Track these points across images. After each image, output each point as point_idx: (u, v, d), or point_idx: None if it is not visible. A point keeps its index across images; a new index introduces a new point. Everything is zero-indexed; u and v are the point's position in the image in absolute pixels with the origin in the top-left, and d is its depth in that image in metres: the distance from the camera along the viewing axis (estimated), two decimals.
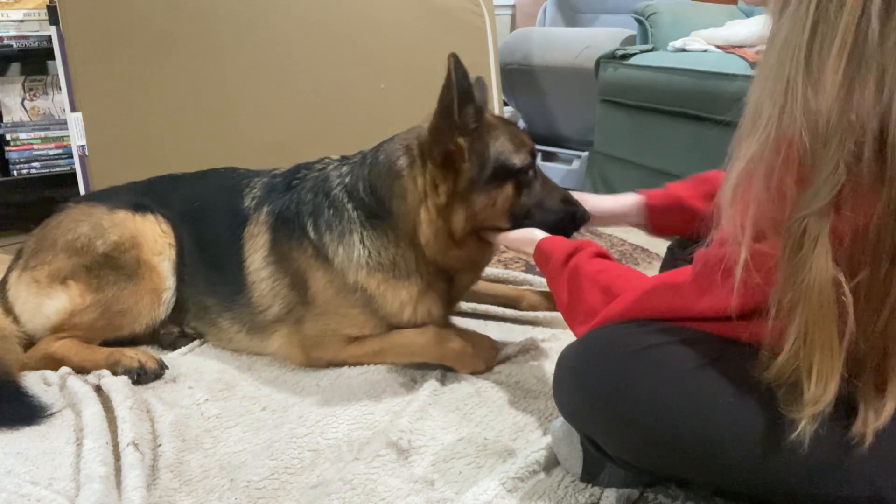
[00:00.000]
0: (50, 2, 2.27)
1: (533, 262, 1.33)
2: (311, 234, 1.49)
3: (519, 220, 1.39)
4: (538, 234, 1.32)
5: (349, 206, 1.46)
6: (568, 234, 1.40)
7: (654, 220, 1.44)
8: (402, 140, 1.44)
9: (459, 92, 1.28)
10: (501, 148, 1.36)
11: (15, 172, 2.60)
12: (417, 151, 1.39)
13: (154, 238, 1.62)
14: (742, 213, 0.79)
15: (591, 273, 1.12)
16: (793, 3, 0.75)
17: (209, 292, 1.64)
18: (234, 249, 1.58)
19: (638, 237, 2.54)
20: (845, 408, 0.82)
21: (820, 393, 0.77)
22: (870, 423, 0.79)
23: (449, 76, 1.26)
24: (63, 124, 2.51)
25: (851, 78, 0.71)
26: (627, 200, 1.46)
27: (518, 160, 1.37)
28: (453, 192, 1.36)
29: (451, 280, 1.51)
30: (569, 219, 1.42)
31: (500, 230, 1.41)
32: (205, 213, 1.67)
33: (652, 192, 1.45)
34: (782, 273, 0.77)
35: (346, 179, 1.50)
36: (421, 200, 1.38)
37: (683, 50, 2.62)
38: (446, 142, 1.33)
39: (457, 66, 1.26)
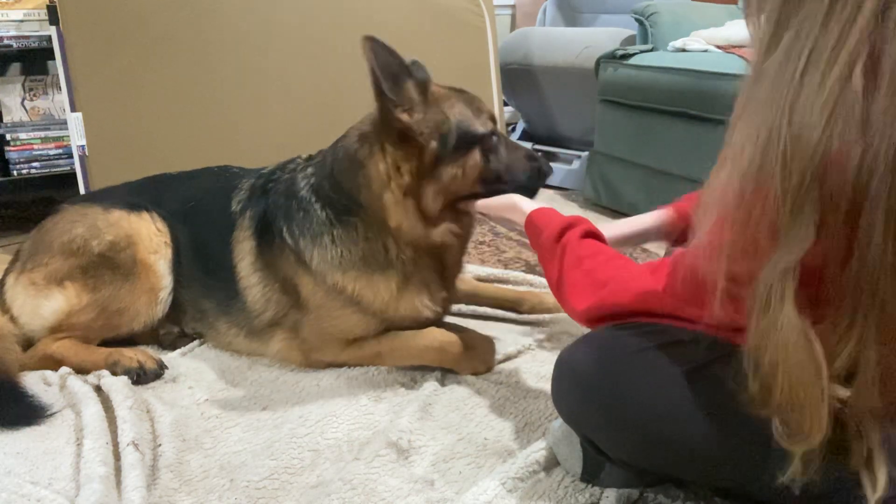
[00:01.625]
0: (50, 2, 2.27)
1: (516, 229, 1.34)
2: (289, 240, 1.48)
3: (491, 184, 1.39)
4: (520, 202, 1.32)
5: (317, 206, 1.46)
6: (537, 189, 1.44)
7: (677, 228, 1.39)
8: (357, 130, 1.45)
9: (382, 70, 1.27)
10: (461, 116, 1.36)
11: (15, 172, 2.59)
12: (374, 137, 1.39)
13: (149, 237, 1.62)
14: (717, 249, 0.79)
15: (580, 255, 1.12)
16: (780, 53, 0.74)
17: (205, 295, 1.64)
18: (224, 254, 1.58)
19: None
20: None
21: (806, 441, 0.77)
22: (870, 498, 0.79)
23: (368, 62, 1.26)
24: (63, 124, 2.50)
25: (833, 133, 0.69)
26: (646, 219, 1.41)
27: (480, 126, 1.37)
28: (419, 170, 1.35)
29: (440, 262, 1.49)
30: (536, 175, 1.43)
31: (476, 197, 1.39)
32: (198, 214, 1.67)
33: (670, 205, 1.41)
34: (754, 333, 0.77)
35: (312, 180, 1.49)
36: (385, 185, 1.37)
37: (683, 50, 2.62)
38: (392, 121, 1.33)
39: (372, 47, 1.25)
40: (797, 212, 0.71)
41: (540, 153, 1.50)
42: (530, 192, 1.41)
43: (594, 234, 1.18)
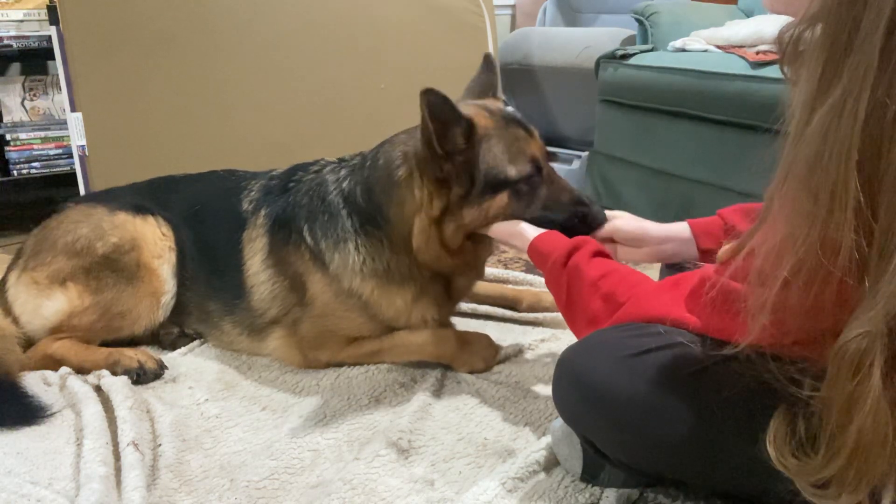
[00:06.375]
0: (50, 2, 2.27)
1: (521, 253, 1.30)
2: (308, 238, 1.49)
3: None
4: (525, 228, 1.29)
5: (344, 212, 1.46)
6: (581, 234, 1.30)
7: (701, 239, 1.27)
8: (402, 146, 1.40)
9: (436, 128, 1.24)
10: (494, 161, 1.30)
11: (15, 172, 2.60)
12: (415, 164, 1.35)
13: (154, 241, 1.62)
14: (766, 296, 0.73)
15: (593, 278, 1.10)
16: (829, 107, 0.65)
17: (211, 296, 1.64)
18: (233, 253, 1.58)
19: None
20: None
21: (839, 499, 0.73)
22: None
23: (422, 117, 1.22)
24: (63, 124, 2.51)
25: None
26: (676, 225, 1.30)
27: (514, 171, 1.30)
28: (447, 207, 1.33)
29: (449, 282, 1.51)
30: (579, 221, 1.31)
31: None
32: (204, 216, 1.67)
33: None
34: (837, 399, 0.69)
35: (344, 185, 1.48)
36: (417, 211, 1.36)
37: (683, 50, 2.62)
38: (434, 169, 1.31)
39: (429, 104, 1.20)
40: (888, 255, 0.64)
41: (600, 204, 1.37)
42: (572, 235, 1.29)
43: (602, 253, 1.17)
